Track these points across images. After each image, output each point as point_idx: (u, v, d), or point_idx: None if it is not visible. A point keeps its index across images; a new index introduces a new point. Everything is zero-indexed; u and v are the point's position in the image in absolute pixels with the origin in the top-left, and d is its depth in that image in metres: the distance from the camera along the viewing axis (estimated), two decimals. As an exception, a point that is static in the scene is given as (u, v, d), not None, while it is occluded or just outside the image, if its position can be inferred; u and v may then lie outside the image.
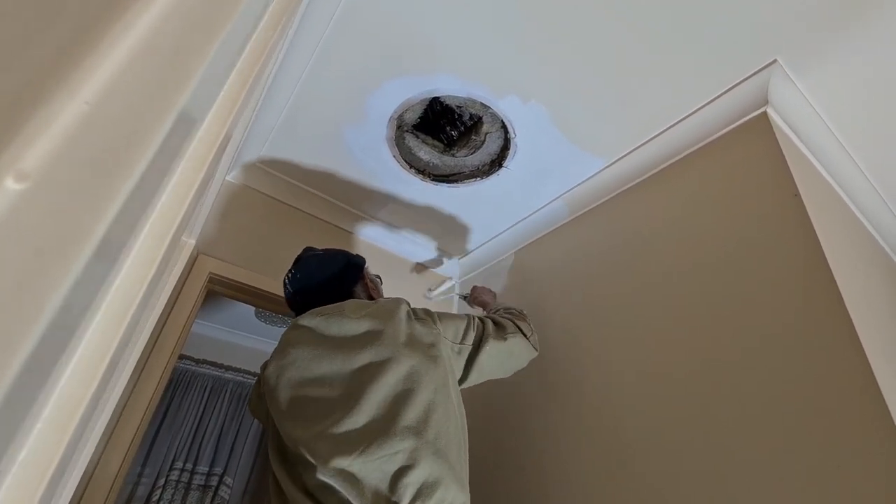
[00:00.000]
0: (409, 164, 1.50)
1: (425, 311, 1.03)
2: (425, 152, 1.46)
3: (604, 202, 1.42)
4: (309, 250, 1.17)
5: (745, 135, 1.09)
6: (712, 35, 0.99)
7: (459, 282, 1.99)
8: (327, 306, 0.99)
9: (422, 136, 1.45)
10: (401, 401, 0.83)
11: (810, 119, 1.10)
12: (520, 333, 1.11)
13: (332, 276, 1.09)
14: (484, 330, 1.07)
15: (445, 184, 1.55)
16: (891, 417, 0.69)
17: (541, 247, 1.62)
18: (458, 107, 1.32)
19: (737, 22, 0.96)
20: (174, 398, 2.82)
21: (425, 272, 1.95)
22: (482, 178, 1.50)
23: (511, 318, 1.15)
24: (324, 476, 0.75)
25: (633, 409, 1.05)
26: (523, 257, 1.69)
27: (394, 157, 1.47)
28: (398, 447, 0.78)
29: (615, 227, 1.34)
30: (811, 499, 0.73)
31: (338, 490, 0.74)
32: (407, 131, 1.41)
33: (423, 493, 0.75)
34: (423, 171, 1.52)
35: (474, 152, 1.44)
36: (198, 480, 2.68)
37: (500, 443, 1.36)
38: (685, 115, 1.18)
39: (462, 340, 1.02)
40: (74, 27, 0.15)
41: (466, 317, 1.07)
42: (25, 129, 0.13)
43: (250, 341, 3.29)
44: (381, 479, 0.75)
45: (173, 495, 2.58)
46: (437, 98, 1.28)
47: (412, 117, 1.36)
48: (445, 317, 1.04)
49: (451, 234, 1.83)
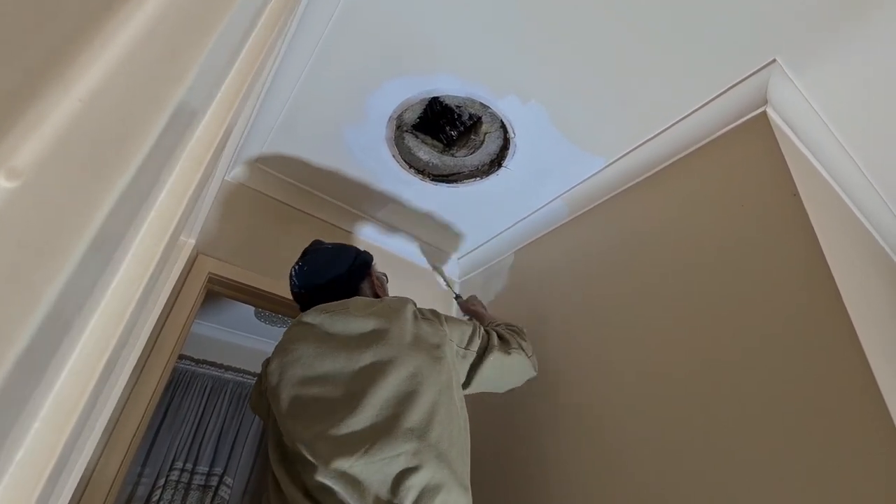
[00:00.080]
0: (408, 164, 1.50)
1: (432, 311, 1.02)
2: (425, 152, 1.46)
3: (603, 202, 1.42)
4: (317, 243, 1.15)
5: (745, 134, 1.09)
6: (712, 35, 0.99)
7: (459, 281, 1.99)
8: (333, 303, 0.98)
9: (421, 136, 1.45)
10: (404, 402, 0.82)
11: (809, 118, 1.10)
12: (522, 351, 1.09)
13: (340, 271, 1.07)
14: (489, 340, 1.05)
15: (445, 184, 1.55)
16: (890, 417, 0.69)
17: (540, 246, 1.62)
18: (458, 107, 1.32)
19: (736, 22, 0.96)
20: (174, 398, 2.82)
21: (425, 272, 1.95)
22: (482, 178, 1.50)
23: (514, 335, 1.13)
24: (324, 477, 0.74)
25: (633, 409, 1.05)
26: (523, 257, 1.69)
27: (393, 156, 1.47)
28: (401, 449, 0.77)
29: (615, 227, 1.34)
30: (811, 499, 0.72)
31: (337, 492, 0.73)
32: (406, 131, 1.41)
33: (424, 496, 0.74)
34: (422, 170, 1.52)
35: (474, 152, 1.44)
36: (198, 480, 2.68)
37: (500, 444, 1.36)
38: (685, 115, 1.18)
39: (467, 346, 1.01)
40: (68, 24, 0.15)
41: (473, 323, 1.06)
42: (18, 126, 0.13)
43: (250, 341, 3.29)
44: (383, 481, 0.74)
45: (173, 495, 2.58)
46: (437, 98, 1.28)
47: (412, 117, 1.36)
48: (452, 320, 1.03)
49: (450, 233, 1.83)
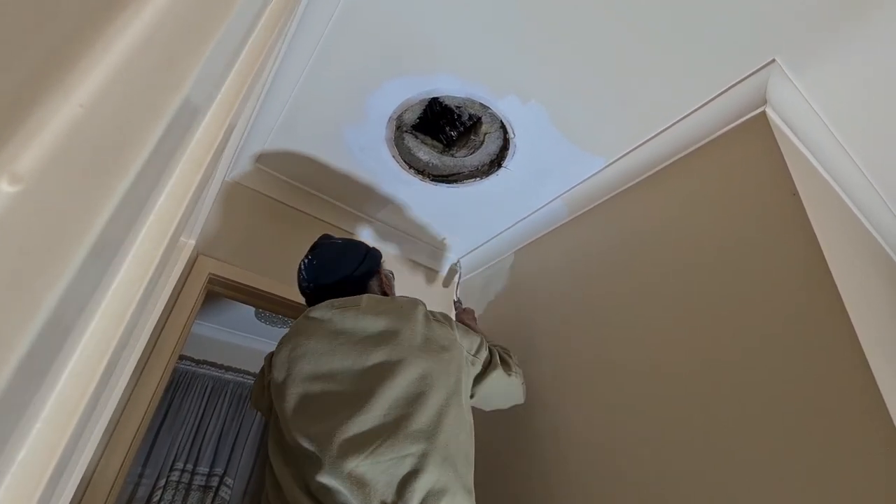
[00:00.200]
0: (408, 165, 1.50)
1: (443, 314, 1.03)
2: (425, 152, 1.47)
3: (603, 202, 1.42)
4: (326, 238, 1.15)
5: (744, 134, 1.09)
6: (711, 35, 0.99)
7: (459, 281, 1.99)
8: (343, 299, 0.97)
9: (421, 136, 1.45)
10: (413, 403, 0.81)
11: (809, 118, 1.10)
12: (519, 376, 1.11)
13: (350, 267, 1.06)
14: (492, 357, 1.05)
15: (445, 184, 1.55)
16: (890, 417, 0.69)
17: (540, 247, 1.62)
18: (458, 107, 1.32)
19: (736, 22, 0.96)
20: (174, 399, 2.82)
21: (425, 272, 1.95)
22: (481, 179, 1.50)
23: (510, 358, 1.13)
24: (329, 476, 0.73)
25: (633, 408, 1.05)
26: (523, 257, 1.69)
27: (393, 157, 1.47)
28: (408, 450, 0.76)
29: (615, 227, 1.34)
30: (811, 499, 0.72)
31: (342, 493, 0.72)
32: (406, 132, 1.41)
33: (430, 499, 0.74)
34: (422, 171, 1.53)
35: (473, 152, 1.44)
36: (198, 481, 2.68)
37: (499, 443, 1.36)
38: (684, 115, 1.18)
39: (475, 354, 1.01)
40: (68, 30, 0.15)
41: (480, 336, 1.06)
42: (20, 131, 0.13)
43: (250, 342, 3.30)
44: (389, 482, 0.73)
45: (174, 496, 2.59)
46: (437, 98, 1.28)
47: (411, 118, 1.37)
48: (460, 327, 1.03)
49: (450, 234, 1.83)
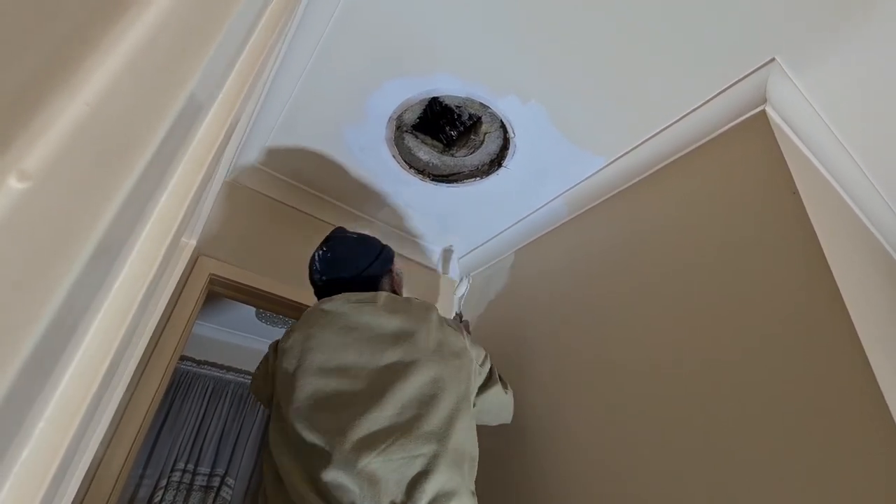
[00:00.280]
0: (408, 165, 1.50)
1: (455, 322, 1.05)
2: (425, 152, 1.47)
3: (603, 201, 1.43)
4: (341, 231, 1.15)
5: (744, 133, 1.09)
6: (711, 34, 0.99)
7: (459, 281, 1.99)
8: (359, 294, 0.97)
9: (421, 136, 1.45)
10: (425, 405, 0.82)
11: (809, 117, 1.10)
12: (512, 396, 1.13)
13: (364, 263, 1.06)
14: (493, 372, 1.07)
15: (445, 184, 1.55)
16: (891, 416, 0.69)
17: (541, 246, 1.62)
18: (458, 107, 1.32)
19: (735, 21, 0.96)
20: (175, 399, 2.82)
21: (425, 272, 1.95)
22: (481, 178, 1.50)
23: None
24: (339, 472, 0.72)
25: (633, 408, 1.06)
26: (523, 256, 1.69)
27: (393, 157, 1.47)
28: (419, 451, 0.76)
29: (615, 226, 1.34)
30: (811, 499, 0.72)
31: (351, 490, 0.71)
32: (406, 131, 1.42)
33: (438, 501, 0.74)
34: (422, 171, 1.53)
35: (473, 152, 1.44)
36: (199, 481, 2.69)
37: (499, 442, 1.36)
38: (684, 114, 1.18)
39: (481, 365, 1.03)
40: (73, 29, 0.15)
41: (484, 349, 1.08)
42: (28, 129, 0.14)
43: (251, 342, 3.30)
44: (399, 481, 0.73)
45: (175, 496, 2.59)
46: (437, 98, 1.28)
47: (411, 117, 1.37)
48: (469, 337, 1.04)
49: (450, 233, 1.83)
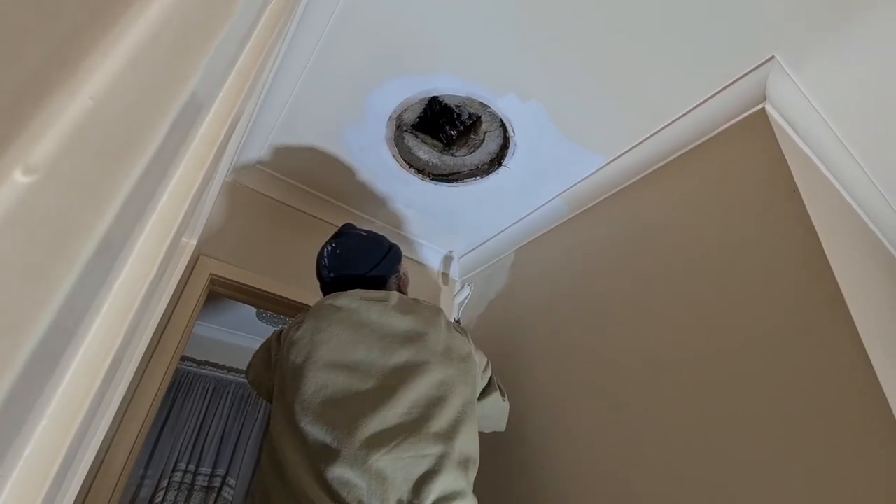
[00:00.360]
0: (408, 164, 1.50)
1: (461, 326, 1.06)
2: (425, 152, 1.47)
3: (603, 200, 1.43)
4: (350, 227, 1.15)
5: (744, 131, 1.09)
6: (710, 32, 0.99)
7: (460, 280, 2.00)
8: (372, 292, 0.98)
9: (421, 135, 1.45)
10: (433, 406, 0.83)
11: (808, 115, 1.10)
12: (507, 405, 1.14)
13: (372, 261, 1.07)
14: (493, 379, 1.08)
15: (445, 183, 1.55)
16: (892, 415, 0.68)
17: (541, 245, 1.63)
18: (457, 106, 1.32)
19: (735, 19, 0.96)
20: (177, 400, 2.83)
21: (426, 272, 1.95)
22: (482, 177, 1.50)
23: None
24: (348, 468, 0.72)
25: (632, 407, 1.06)
26: (524, 255, 1.69)
27: (393, 156, 1.47)
28: (427, 451, 0.77)
29: (615, 225, 1.35)
30: (811, 499, 0.72)
31: (359, 486, 0.71)
32: (406, 131, 1.42)
33: (442, 501, 0.74)
34: (422, 170, 1.53)
35: (473, 151, 1.44)
36: (201, 482, 2.69)
37: (498, 442, 1.36)
38: (684, 112, 1.18)
39: (483, 371, 1.04)
40: (77, 24, 0.15)
41: (486, 356, 1.09)
42: (33, 123, 0.14)
43: (252, 342, 3.30)
44: (406, 479, 0.74)
45: (176, 496, 2.59)
46: (436, 97, 1.28)
47: (411, 117, 1.37)
48: (473, 342, 1.06)
49: (451, 233, 1.83)
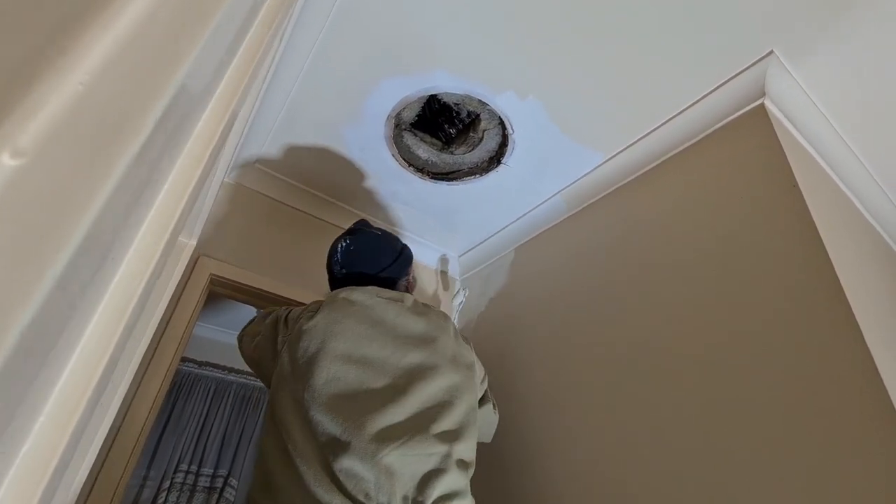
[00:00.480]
0: (407, 163, 1.50)
1: (465, 336, 1.09)
2: (424, 150, 1.47)
3: (603, 197, 1.42)
4: (364, 224, 1.17)
5: (743, 127, 1.09)
6: (709, 27, 0.99)
7: (460, 279, 1.99)
8: (388, 291, 1.01)
9: (420, 134, 1.45)
10: (441, 409, 0.85)
11: (808, 110, 1.10)
12: (497, 419, 1.17)
13: (385, 262, 1.09)
14: (487, 391, 1.11)
15: (444, 182, 1.55)
16: (894, 411, 0.68)
17: (541, 243, 1.62)
18: (456, 104, 1.32)
19: (733, 14, 0.96)
20: (178, 401, 2.83)
21: (425, 271, 1.95)
22: (481, 176, 1.50)
23: None
24: (357, 461, 0.73)
25: (631, 405, 1.05)
26: (524, 253, 1.69)
27: (392, 155, 1.47)
28: (434, 450, 0.79)
29: (614, 222, 1.34)
30: (812, 497, 0.72)
31: (367, 479, 0.73)
32: (405, 130, 1.42)
33: (444, 499, 0.76)
34: (421, 169, 1.53)
35: (472, 149, 1.44)
36: (203, 482, 2.69)
37: (497, 441, 1.35)
38: (683, 108, 1.18)
39: (481, 382, 1.07)
40: (68, 7, 0.15)
41: (483, 368, 1.11)
42: (21, 106, 0.14)
43: (253, 343, 3.29)
44: (412, 476, 0.76)
45: (178, 497, 2.59)
46: (435, 95, 1.28)
47: (410, 115, 1.37)
48: (474, 352, 1.08)
49: (450, 231, 1.83)
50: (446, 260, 1.97)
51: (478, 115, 1.35)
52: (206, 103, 0.45)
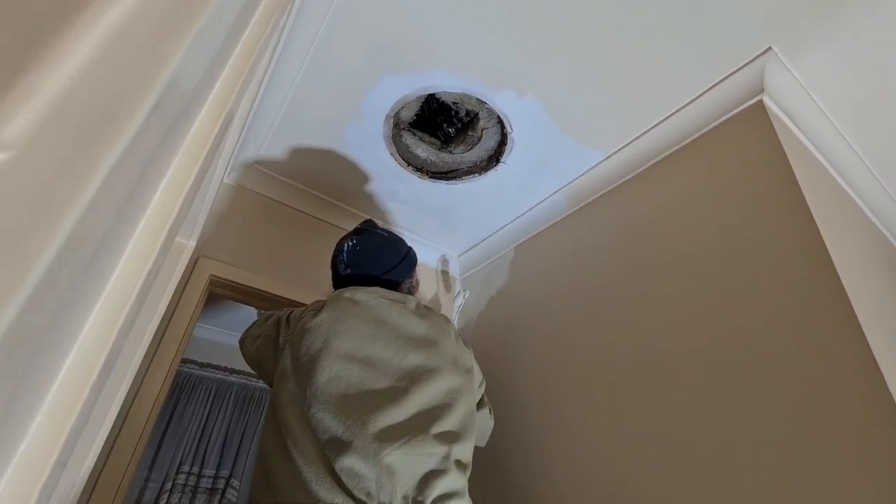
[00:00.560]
0: (406, 162, 1.50)
1: (465, 339, 1.10)
2: (423, 150, 1.47)
3: (602, 195, 1.42)
4: (372, 224, 1.18)
5: (742, 123, 1.09)
6: (707, 24, 0.99)
7: (460, 279, 1.99)
8: (392, 292, 1.02)
9: (419, 133, 1.45)
10: (441, 410, 0.86)
11: (806, 106, 1.09)
12: (493, 424, 1.17)
13: (390, 263, 1.09)
14: (484, 396, 1.12)
15: (444, 181, 1.55)
16: (895, 405, 0.68)
17: (541, 241, 1.62)
18: (454, 103, 1.32)
19: (731, 10, 0.96)
20: (179, 402, 2.83)
21: (425, 270, 1.95)
22: (480, 174, 1.50)
23: None
24: (359, 459, 0.74)
25: (631, 403, 1.05)
26: (524, 252, 1.69)
27: (391, 155, 1.47)
28: (434, 450, 0.80)
29: (614, 220, 1.34)
30: (813, 496, 0.71)
31: (368, 478, 0.73)
32: (404, 129, 1.42)
33: (443, 499, 0.77)
34: (420, 168, 1.53)
35: (471, 148, 1.44)
36: (205, 483, 2.69)
37: (496, 441, 1.35)
38: (681, 106, 1.18)
39: (479, 386, 1.07)
40: (55, 2, 0.15)
41: (481, 372, 1.12)
42: (7, 99, 0.14)
43: (254, 344, 3.29)
44: (413, 475, 0.76)
45: (180, 499, 2.59)
46: (433, 94, 1.28)
47: (408, 115, 1.37)
48: (473, 356, 1.09)
49: (450, 230, 1.83)
50: (446, 259, 1.97)
51: (476, 114, 1.34)
52: (202, 102, 0.45)
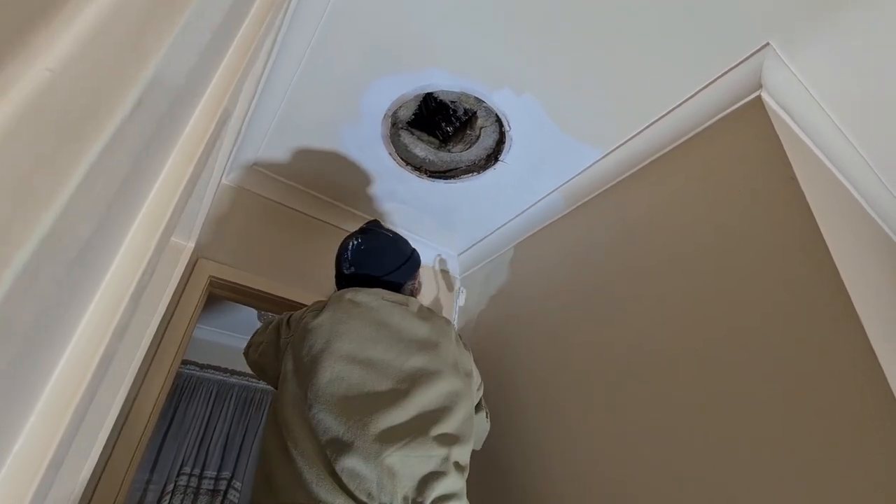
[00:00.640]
0: (405, 162, 1.50)
1: (465, 342, 1.10)
2: (421, 149, 1.46)
3: (601, 193, 1.42)
4: (377, 224, 1.18)
5: (741, 120, 1.08)
6: (704, 20, 0.99)
7: (459, 278, 1.99)
8: (394, 294, 1.02)
9: (417, 132, 1.45)
10: (441, 413, 0.87)
11: (805, 101, 1.09)
12: (489, 427, 1.18)
13: (394, 264, 1.09)
14: (482, 399, 1.12)
15: (442, 180, 1.55)
16: (895, 402, 0.67)
17: (541, 240, 1.62)
18: (452, 102, 1.32)
19: (728, 6, 0.96)
20: (180, 404, 2.83)
21: (425, 270, 1.95)
22: (478, 173, 1.50)
23: None
24: (360, 460, 0.74)
25: (630, 402, 1.05)
26: (523, 251, 1.69)
27: (389, 154, 1.47)
28: (434, 452, 0.80)
29: (613, 218, 1.34)
30: (812, 497, 0.71)
31: (369, 479, 0.73)
32: (402, 128, 1.41)
33: (442, 500, 0.77)
34: (419, 167, 1.53)
35: (470, 147, 1.44)
36: (206, 485, 2.69)
37: (496, 440, 1.35)
38: (680, 103, 1.17)
39: (478, 389, 1.08)
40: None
41: (480, 377, 1.13)
42: (-15, 91, 0.13)
43: (254, 345, 3.29)
44: (412, 476, 0.77)
45: (182, 500, 2.59)
46: (431, 93, 1.28)
47: (406, 114, 1.37)
48: (472, 359, 1.10)
49: (449, 230, 1.83)
50: (445, 259, 1.97)
51: (474, 113, 1.34)
52: (195, 100, 0.45)
